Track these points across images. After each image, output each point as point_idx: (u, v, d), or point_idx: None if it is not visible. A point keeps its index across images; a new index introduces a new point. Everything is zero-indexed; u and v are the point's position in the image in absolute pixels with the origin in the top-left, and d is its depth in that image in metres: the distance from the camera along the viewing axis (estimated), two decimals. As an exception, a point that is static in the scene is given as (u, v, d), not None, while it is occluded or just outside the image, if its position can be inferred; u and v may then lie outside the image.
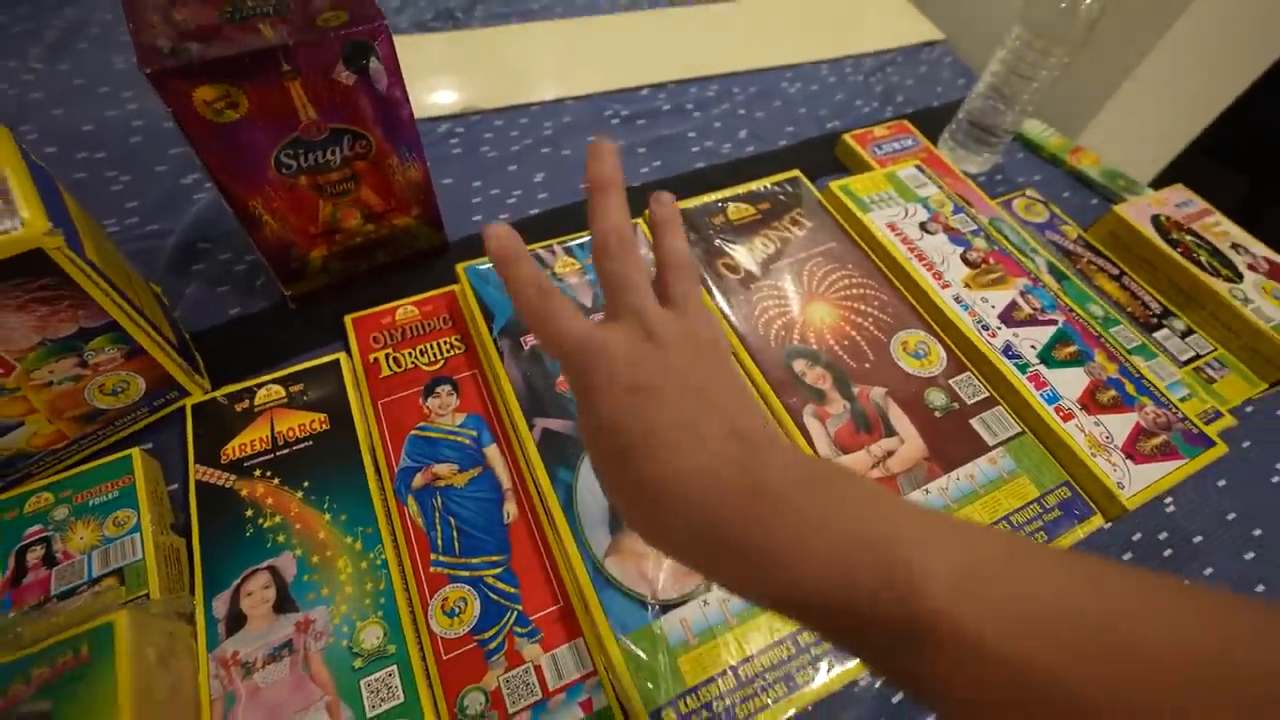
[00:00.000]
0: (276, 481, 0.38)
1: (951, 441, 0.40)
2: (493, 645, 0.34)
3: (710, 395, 0.21)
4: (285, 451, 0.39)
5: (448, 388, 0.43)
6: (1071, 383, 0.43)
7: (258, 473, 0.38)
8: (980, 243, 0.52)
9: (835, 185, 0.54)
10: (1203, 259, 0.55)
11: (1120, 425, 0.42)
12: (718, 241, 0.49)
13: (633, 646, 0.32)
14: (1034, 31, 0.57)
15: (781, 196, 0.54)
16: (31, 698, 0.26)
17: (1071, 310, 0.48)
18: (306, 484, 0.38)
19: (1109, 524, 0.40)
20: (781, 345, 0.44)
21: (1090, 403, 0.43)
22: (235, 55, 0.33)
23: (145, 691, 0.27)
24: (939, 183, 0.56)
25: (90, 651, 0.27)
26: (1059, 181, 0.70)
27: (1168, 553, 0.43)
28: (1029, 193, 0.63)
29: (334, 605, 0.34)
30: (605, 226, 0.25)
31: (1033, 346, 0.45)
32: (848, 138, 0.65)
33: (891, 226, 0.52)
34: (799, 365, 0.43)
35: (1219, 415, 0.47)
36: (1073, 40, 0.56)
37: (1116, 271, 0.57)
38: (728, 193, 0.53)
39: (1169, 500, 0.46)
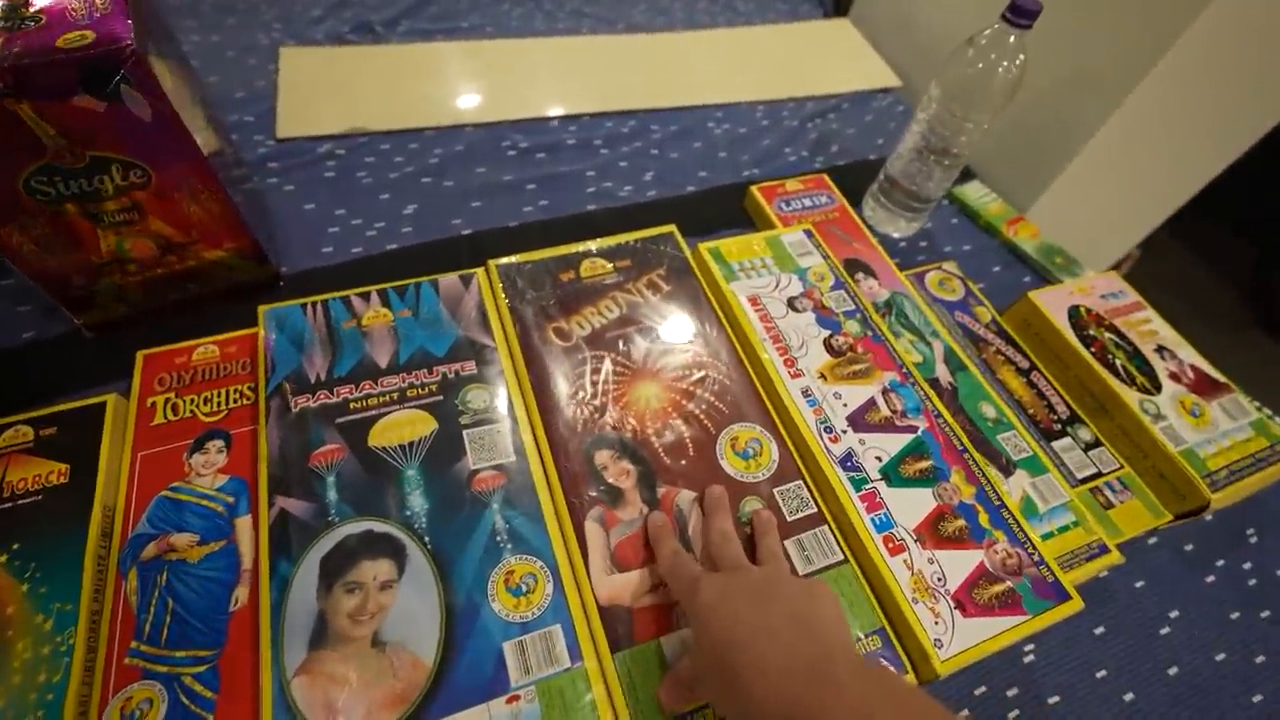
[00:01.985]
0: (-12, 541, 0.34)
1: (757, 564, 0.35)
2: (166, 761, 0.29)
3: (797, 604, 0.28)
4: (6, 507, 0.35)
5: (219, 443, 0.39)
6: (913, 507, 0.38)
7: (-33, 528, 0.35)
8: (853, 326, 0.46)
9: (704, 247, 0.50)
10: (1118, 362, 0.49)
11: (959, 564, 0.36)
12: (554, 301, 0.45)
13: (290, 794, 0.27)
14: (949, 94, 0.52)
15: (647, 255, 0.49)
16: None
17: (939, 417, 0.42)
18: (16, 546, 0.34)
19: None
20: (590, 431, 0.39)
21: (930, 533, 0.37)
22: (-72, 78, 0.30)
23: None
24: (826, 252, 0.51)
25: None
26: (992, 254, 0.64)
27: (1013, 715, 0.37)
28: (946, 266, 0.58)
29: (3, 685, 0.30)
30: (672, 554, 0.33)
31: (878, 458, 0.39)
32: (755, 189, 0.60)
33: (754, 300, 0.46)
34: (601, 457, 0.38)
35: (1104, 551, 0.41)
36: (990, 105, 0.50)
37: (1026, 365, 0.51)
38: (588, 245, 0.49)
39: (1029, 647, 0.40)
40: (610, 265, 0.48)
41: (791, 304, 0.47)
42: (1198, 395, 0.48)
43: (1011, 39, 0.48)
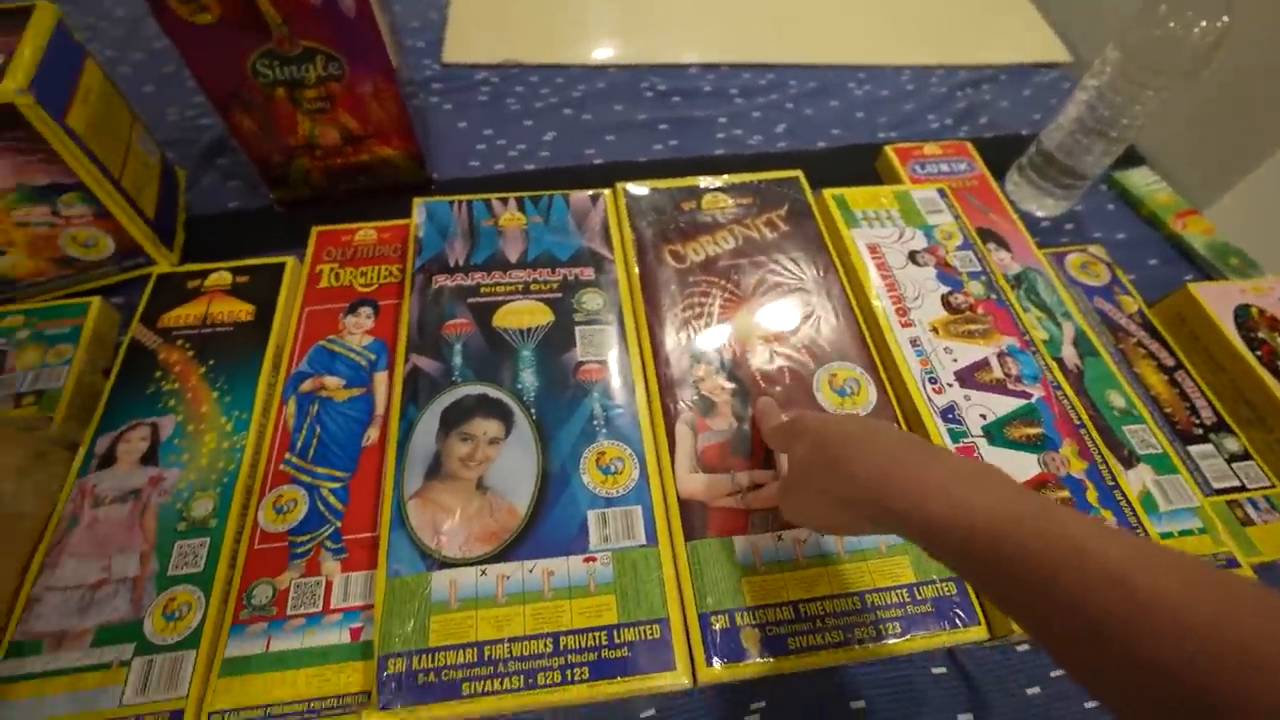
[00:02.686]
0: (191, 354, 0.42)
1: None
2: (300, 549, 0.35)
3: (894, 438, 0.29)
4: (209, 330, 0.43)
5: (369, 310, 0.45)
6: (1013, 468, 0.36)
7: (180, 343, 0.42)
8: (976, 287, 0.44)
9: (829, 192, 0.49)
10: (1288, 369, 0.43)
11: (1054, 531, 0.34)
12: (673, 227, 0.47)
13: (397, 589, 0.32)
14: (1130, 54, 0.47)
15: (770, 195, 0.49)
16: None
17: (1058, 388, 0.40)
18: (211, 362, 0.42)
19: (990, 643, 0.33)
20: (692, 345, 0.41)
21: (1026, 495, 0.35)
22: (201, -40, 0.36)
23: (-21, 488, 0.31)
24: (958, 212, 0.49)
25: (-47, 443, 0.32)
26: (1151, 246, 0.58)
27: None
28: (1091, 249, 0.53)
29: (185, 470, 0.37)
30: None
31: (983, 416, 0.38)
32: (889, 149, 0.58)
33: (873, 248, 0.46)
34: (699, 370, 0.40)
35: (1233, 565, 0.37)
36: (1179, 70, 0.46)
37: (1172, 363, 0.47)
38: (712, 180, 0.50)
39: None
40: (731, 201, 0.49)
41: (913, 257, 0.46)
42: (1388, 419, 0.42)
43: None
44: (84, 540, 0.35)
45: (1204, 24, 0.44)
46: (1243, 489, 0.42)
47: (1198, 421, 0.44)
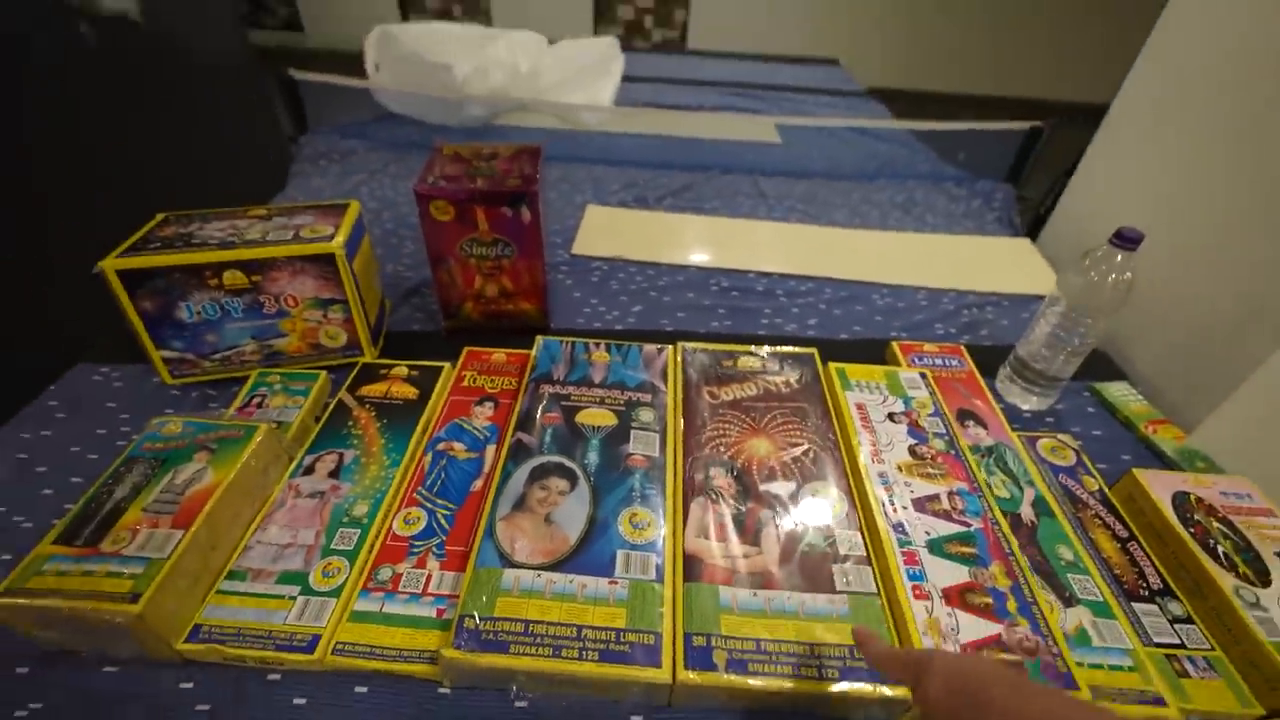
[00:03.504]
0: (372, 414, 0.62)
1: (804, 573, 0.47)
2: (415, 550, 0.50)
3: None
4: (386, 401, 0.64)
5: (491, 404, 0.64)
6: (946, 574, 0.46)
7: (367, 406, 0.63)
8: (938, 443, 0.57)
9: (834, 365, 0.66)
10: (1221, 548, 0.51)
11: (976, 627, 0.43)
12: (713, 375, 0.64)
13: (480, 575, 0.46)
14: (1068, 294, 0.63)
15: (790, 363, 0.67)
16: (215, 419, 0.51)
17: (996, 525, 0.50)
18: (384, 421, 0.61)
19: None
20: (712, 454, 0.56)
21: (956, 598, 0.45)
22: (452, 191, 0.63)
23: (242, 469, 0.50)
24: (934, 391, 0.63)
25: (239, 437, 0.52)
26: (1125, 445, 0.68)
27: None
28: (1062, 437, 0.65)
29: (354, 486, 0.55)
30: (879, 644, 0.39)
31: (928, 533, 0.49)
32: (895, 344, 0.75)
33: (860, 405, 0.60)
34: (714, 470, 0.54)
35: (1159, 703, 0.43)
36: (1100, 308, 0.61)
37: (1125, 534, 0.55)
38: (750, 348, 0.68)
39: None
40: (760, 363, 0.67)
41: (890, 416, 0.60)
42: (1314, 603, 0.48)
43: (1119, 258, 0.60)
44: (285, 516, 0.52)
45: (1113, 278, 0.60)
46: (1181, 647, 0.48)
47: (1144, 585, 0.51)
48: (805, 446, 0.57)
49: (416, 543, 0.51)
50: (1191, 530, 0.52)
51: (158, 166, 1.63)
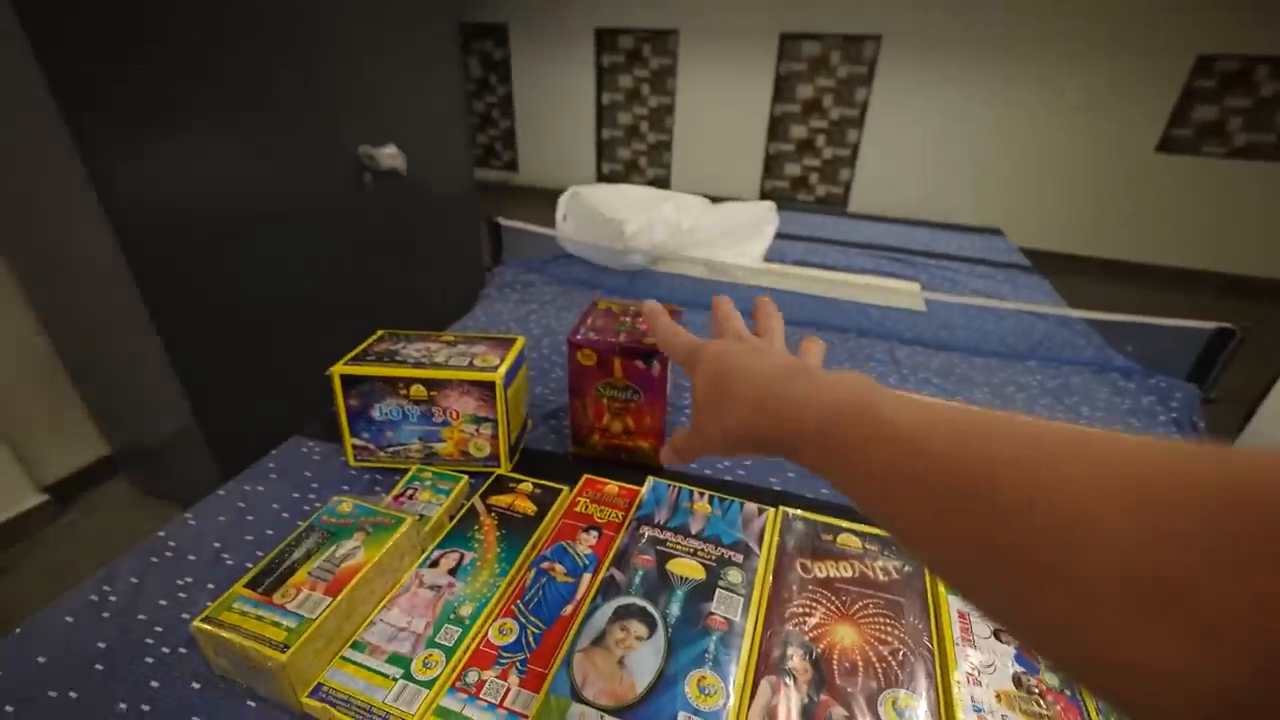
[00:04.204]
0: (495, 521, 0.71)
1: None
2: (502, 660, 0.56)
3: (785, 351, 0.39)
4: (509, 513, 0.72)
5: (596, 533, 0.70)
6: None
7: (492, 514, 0.72)
8: (1050, 679, 0.51)
9: (940, 562, 0.63)
10: None
11: None
12: (810, 546, 0.65)
13: (550, 702, 0.49)
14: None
15: (892, 549, 0.65)
16: (358, 527, 0.62)
17: (1116, 798, 0.43)
18: (503, 531, 0.70)
19: None
20: (793, 631, 0.56)
21: None
22: (598, 342, 0.74)
23: (386, 552, 0.61)
24: (1058, 616, 0.58)
25: (390, 524, 0.63)
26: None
27: None
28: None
29: (466, 586, 0.62)
30: (721, 303, 0.50)
31: (1023, 784, 0.44)
32: (1022, 550, 0.69)
33: (963, 615, 0.57)
34: (791, 649, 0.54)
35: None
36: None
37: None
38: (852, 524, 0.68)
39: None
40: (861, 544, 0.66)
41: (997, 634, 0.55)
42: None
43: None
44: (407, 601, 0.60)
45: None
46: None
47: None
48: (895, 646, 0.54)
49: (505, 654, 0.56)
50: None
51: (396, 284, 2.04)
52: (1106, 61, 4.22)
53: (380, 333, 0.86)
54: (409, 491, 0.75)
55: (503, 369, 0.76)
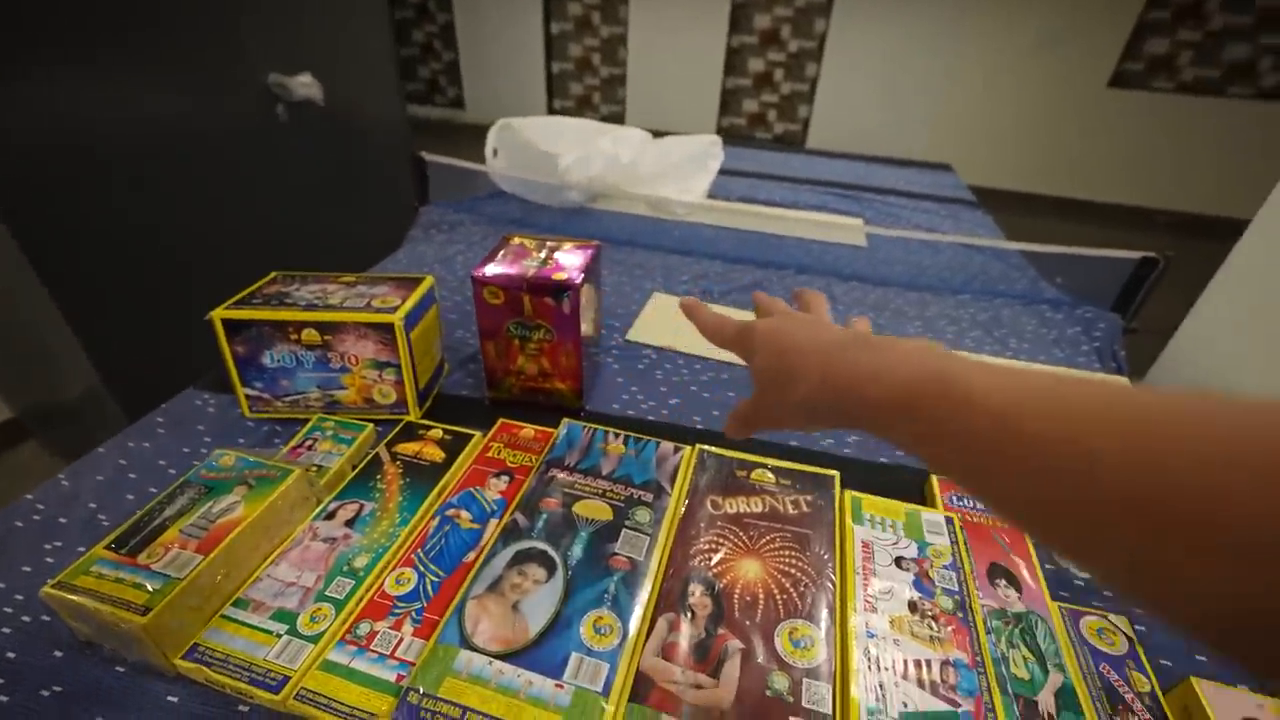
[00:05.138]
0: (400, 470, 0.67)
1: (758, 718, 0.44)
2: (397, 611, 0.53)
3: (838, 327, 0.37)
4: (415, 461, 0.69)
5: (507, 478, 0.68)
6: (917, 759, 0.41)
7: (397, 462, 0.68)
8: (945, 602, 0.52)
9: (850, 493, 0.62)
10: (1294, 807, 0.41)
11: (938, 833, 0.38)
12: (722, 484, 0.64)
13: (437, 650, 0.47)
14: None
15: (806, 484, 0.64)
16: (247, 479, 0.58)
17: (991, 713, 0.44)
18: (408, 479, 0.66)
19: None
20: (697, 567, 0.55)
21: (922, 790, 0.40)
22: (505, 278, 0.70)
23: (270, 507, 0.57)
24: (959, 541, 0.58)
25: (275, 477, 0.59)
26: (1199, 662, 0.57)
27: None
28: (1114, 618, 0.56)
29: (363, 537, 0.59)
30: (761, 295, 0.51)
31: (904, 704, 0.44)
32: (935, 478, 0.70)
33: (866, 544, 0.57)
34: (693, 585, 0.53)
35: None
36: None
37: (1174, 758, 0.46)
38: (766, 460, 0.67)
39: None
40: (774, 479, 0.65)
41: (898, 561, 0.55)
42: None
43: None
44: (297, 556, 0.57)
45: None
46: None
47: (1187, 830, 0.43)
48: (798, 578, 0.54)
49: (400, 604, 0.54)
50: (1256, 773, 0.43)
51: (316, 224, 1.92)
52: (1065, -7, 4.15)
53: (274, 274, 0.79)
54: (308, 442, 0.70)
55: (403, 310, 0.70)
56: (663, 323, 1.02)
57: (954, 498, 0.67)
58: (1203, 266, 1.22)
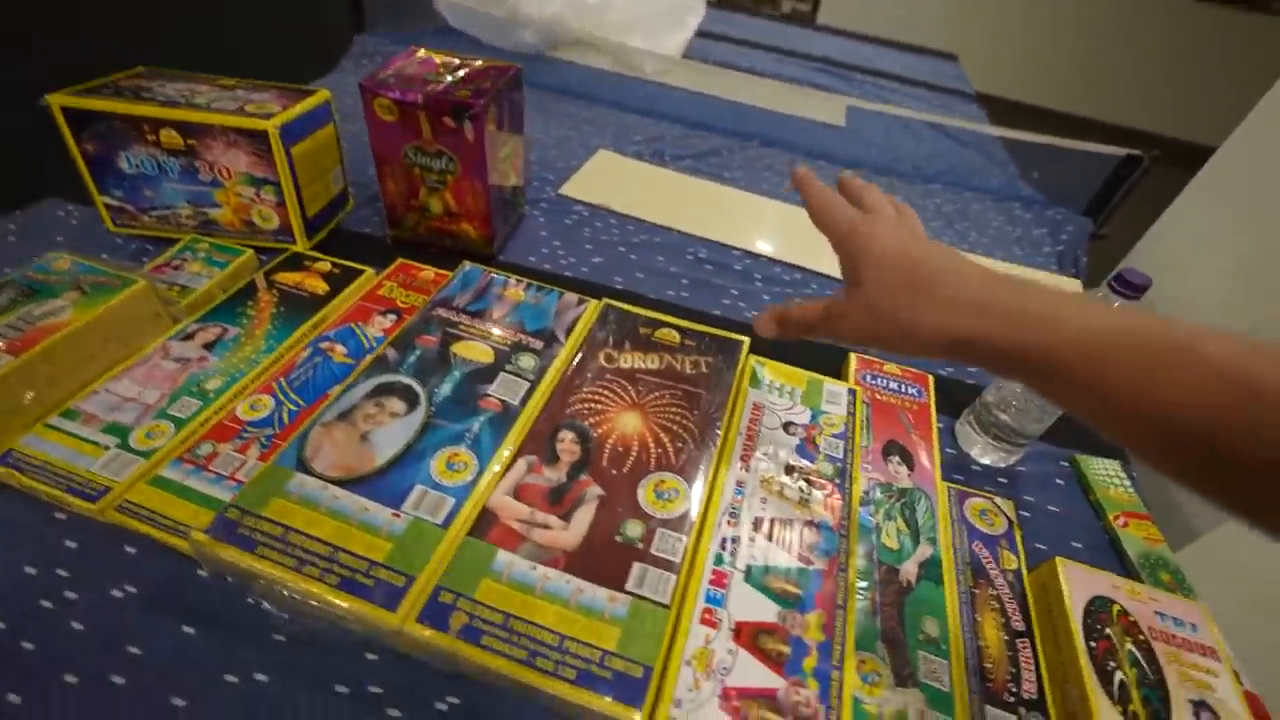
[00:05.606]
0: (275, 299, 0.61)
1: (602, 560, 0.42)
2: (244, 435, 0.49)
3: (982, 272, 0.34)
4: (294, 291, 0.63)
5: (394, 316, 0.62)
6: (752, 607, 0.40)
7: (274, 291, 0.62)
8: (825, 467, 0.49)
9: (753, 357, 0.59)
10: (1121, 676, 0.41)
11: (753, 674, 0.37)
12: (622, 339, 0.59)
13: (271, 471, 0.44)
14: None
15: (711, 347, 0.60)
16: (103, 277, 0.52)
17: (843, 572, 0.43)
18: (282, 308, 0.60)
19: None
20: (572, 415, 0.51)
21: (748, 636, 0.39)
22: (396, 91, 0.60)
23: (104, 316, 0.51)
24: (855, 413, 0.55)
25: (114, 285, 0.53)
26: (1082, 530, 0.57)
27: None
28: (1000, 501, 0.55)
29: (221, 361, 0.54)
30: (822, 191, 0.42)
31: (753, 558, 0.42)
32: (853, 354, 0.66)
33: (757, 406, 0.53)
34: (564, 431, 0.50)
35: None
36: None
37: (1021, 628, 0.46)
38: (676, 320, 0.62)
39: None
40: (679, 338, 0.60)
41: (786, 426, 0.52)
42: (1213, 774, 0.38)
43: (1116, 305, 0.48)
44: (141, 372, 0.52)
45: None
46: (1025, 774, 0.39)
47: (1014, 690, 0.43)
48: (679, 434, 0.51)
49: (250, 428, 0.50)
50: (1093, 644, 0.43)
51: (219, 30, 1.65)
52: None
53: (140, 68, 0.68)
54: (175, 262, 0.64)
55: (282, 118, 0.61)
56: (602, 181, 0.93)
57: (869, 376, 0.64)
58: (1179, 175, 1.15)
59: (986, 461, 0.61)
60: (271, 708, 0.38)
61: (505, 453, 0.48)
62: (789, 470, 0.49)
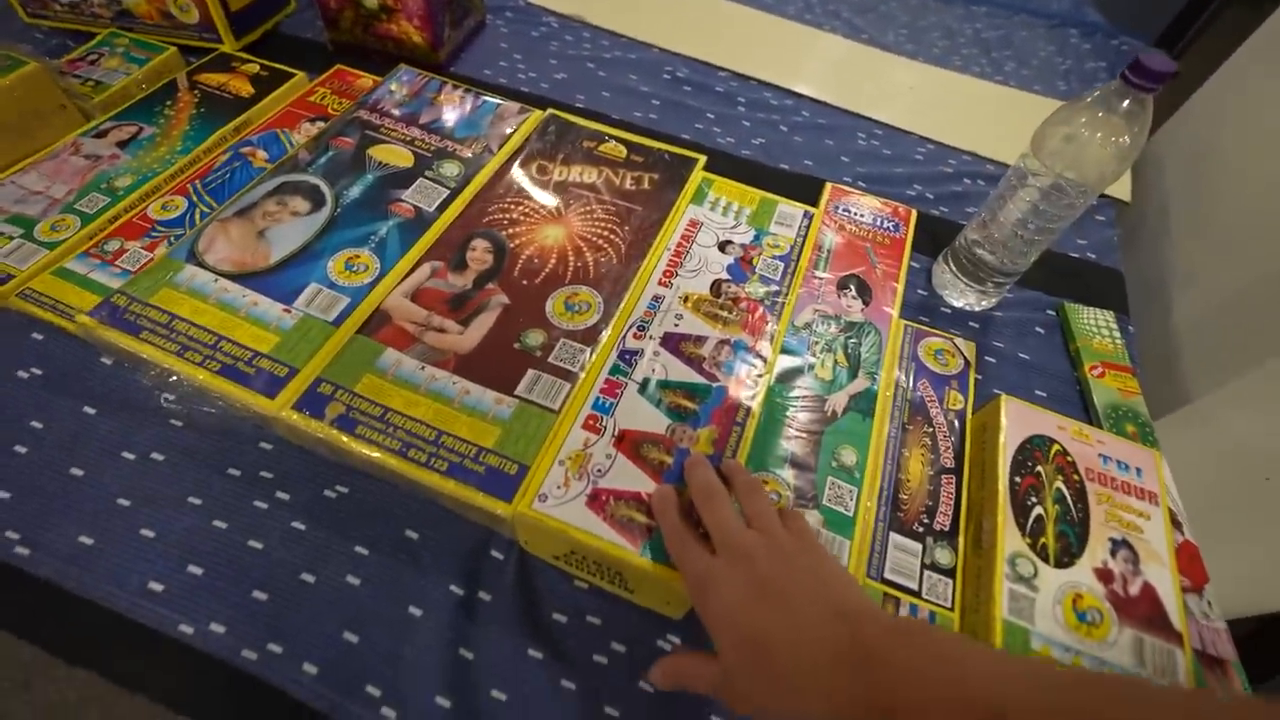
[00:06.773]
0: (196, 100, 0.57)
1: (495, 365, 0.40)
2: (154, 234, 0.47)
3: (809, 585, 0.29)
4: (218, 93, 0.58)
5: (321, 123, 0.57)
6: (642, 418, 0.38)
7: (195, 92, 0.58)
8: (756, 288, 0.45)
9: (705, 174, 0.52)
10: (1040, 510, 0.39)
11: (629, 478, 0.35)
12: (561, 152, 0.53)
13: (164, 261, 0.42)
14: (1041, 151, 0.45)
15: (661, 164, 0.54)
16: None
17: (747, 393, 0.40)
18: (203, 110, 0.56)
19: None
20: (490, 224, 0.47)
21: (630, 443, 0.37)
22: None
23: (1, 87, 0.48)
24: (807, 236, 0.49)
25: (7, 67, 0.49)
26: (1050, 379, 0.52)
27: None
28: (959, 342, 0.50)
29: (134, 160, 0.51)
30: (699, 482, 0.34)
31: (653, 371, 0.40)
32: (829, 185, 0.59)
33: (694, 223, 0.48)
34: (478, 239, 0.46)
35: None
36: (1090, 180, 0.43)
37: (950, 465, 0.43)
38: (627, 135, 0.56)
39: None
40: (626, 153, 0.54)
41: (723, 245, 0.47)
42: (1119, 612, 0.36)
43: (1126, 104, 0.40)
44: (50, 167, 0.50)
45: (1116, 137, 0.41)
46: (915, 595, 0.38)
47: (925, 522, 0.41)
48: (604, 249, 0.47)
49: (161, 228, 0.48)
50: (1018, 478, 0.40)
51: None
52: None
53: None
54: (91, 57, 0.59)
55: (177, -124, 0.53)
56: (583, -9, 0.81)
57: (840, 206, 0.57)
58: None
59: (959, 304, 0.56)
60: (165, 480, 0.39)
61: (410, 258, 0.45)
62: (715, 288, 0.45)
